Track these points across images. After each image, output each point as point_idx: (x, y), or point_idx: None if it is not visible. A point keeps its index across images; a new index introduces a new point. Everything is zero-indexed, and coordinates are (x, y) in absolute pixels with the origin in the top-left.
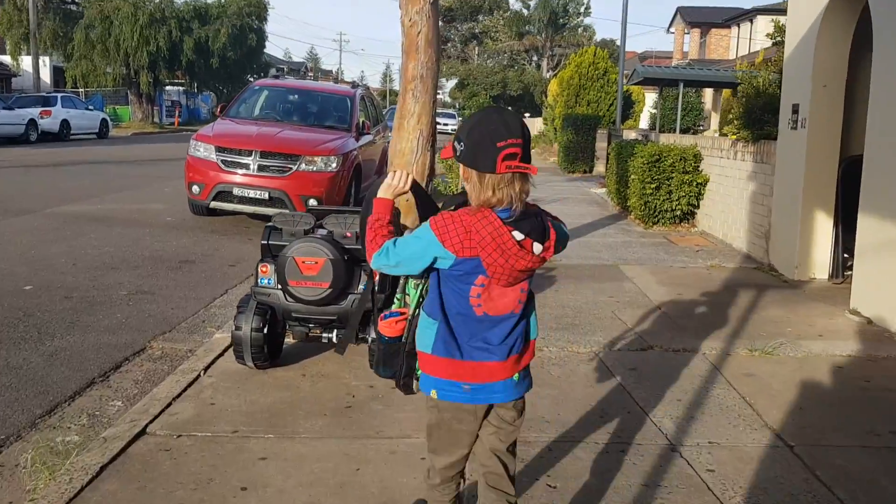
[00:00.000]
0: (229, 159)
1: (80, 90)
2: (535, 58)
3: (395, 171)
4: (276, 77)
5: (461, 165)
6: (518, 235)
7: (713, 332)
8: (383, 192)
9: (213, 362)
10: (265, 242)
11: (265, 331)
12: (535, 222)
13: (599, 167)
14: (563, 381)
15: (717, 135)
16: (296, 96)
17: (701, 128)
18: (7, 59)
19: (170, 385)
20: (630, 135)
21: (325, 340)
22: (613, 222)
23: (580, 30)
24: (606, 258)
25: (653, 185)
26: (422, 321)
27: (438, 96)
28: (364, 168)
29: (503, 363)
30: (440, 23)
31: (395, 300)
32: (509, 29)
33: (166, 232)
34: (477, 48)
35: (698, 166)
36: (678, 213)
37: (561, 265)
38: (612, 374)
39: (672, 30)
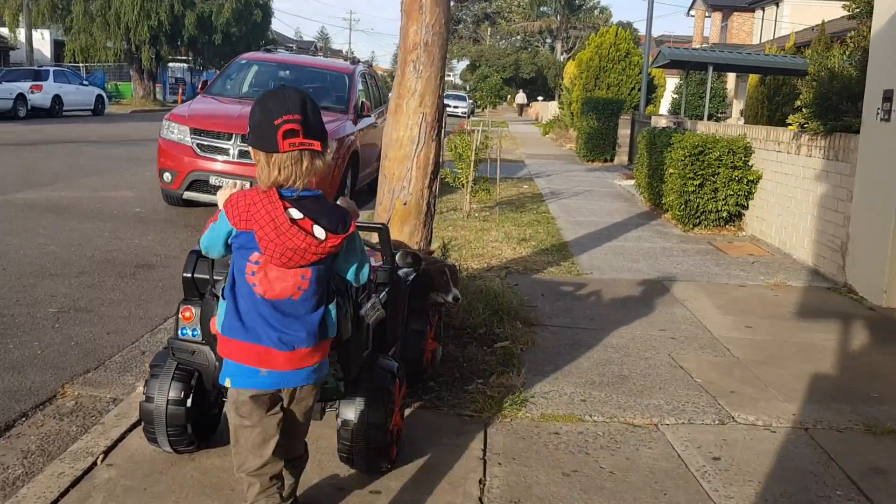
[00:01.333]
0: (206, 143)
1: (80, 65)
2: (549, 40)
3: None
4: (268, 51)
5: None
6: (295, 213)
7: (808, 392)
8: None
9: (122, 437)
10: (189, 276)
11: (188, 403)
12: (330, 209)
13: (622, 156)
14: (620, 481)
15: (740, 122)
16: (287, 72)
17: (724, 115)
18: (5, 31)
19: (46, 483)
20: (659, 122)
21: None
22: (646, 222)
23: (596, 12)
24: (647, 271)
25: (696, 182)
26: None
27: (448, 78)
28: (363, 155)
29: (287, 353)
30: None
31: None
32: (530, 9)
33: (130, 227)
34: (489, 29)
35: (748, 161)
36: (724, 214)
37: (594, 280)
38: (687, 466)
39: (692, 13)
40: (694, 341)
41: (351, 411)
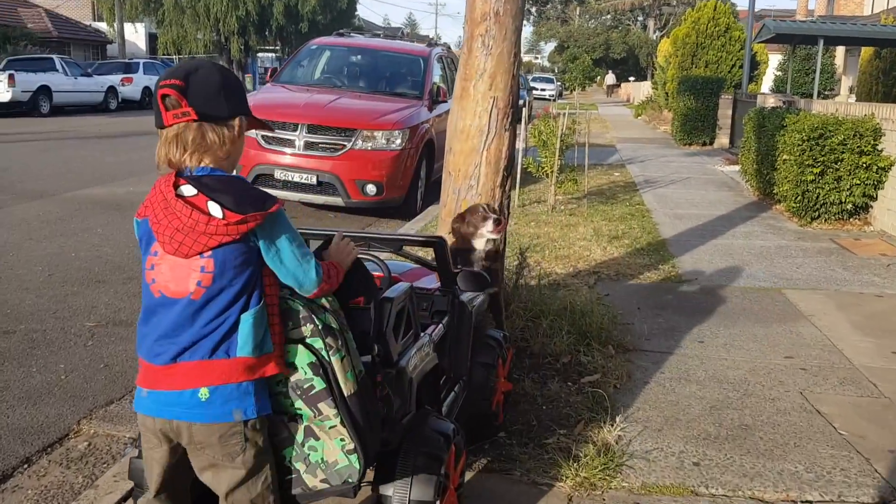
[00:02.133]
0: (270, 135)
1: (174, 57)
2: (640, 17)
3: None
4: (340, 35)
5: None
6: (188, 190)
7: None
8: None
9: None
10: None
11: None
12: (241, 188)
13: (722, 139)
14: None
15: (851, 99)
16: (359, 57)
17: (832, 92)
18: (103, 25)
19: None
20: (766, 101)
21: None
22: (755, 215)
23: None
24: (761, 276)
25: (815, 170)
26: None
27: (535, 60)
28: (438, 143)
29: (169, 367)
30: None
31: None
32: None
33: None
34: (578, 9)
35: (877, 145)
36: (848, 206)
37: (699, 288)
38: None
39: None
40: (830, 373)
41: (390, 487)
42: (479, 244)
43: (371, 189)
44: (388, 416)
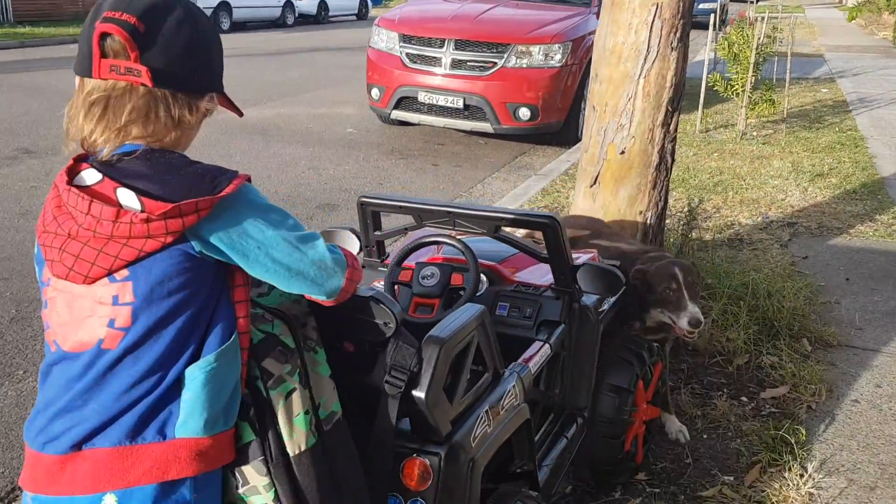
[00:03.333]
0: (415, 52)
1: None
2: None
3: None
4: None
5: None
6: (90, 177)
7: None
8: None
9: None
10: None
11: None
12: (169, 163)
13: None
14: None
15: None
16: None
17: None
18: None
19: None
20: None
21: None
22: None
23: None
24: None
25: None
26: None
27: None
28: None
29: (66, 459)
30: None
31: None
32: None
33: (332, 152)
34: None
35: None
36: None
37: None
38: None
39: None
40: None
41: None
42: (659, 317)
43: (524, 113)
44: None
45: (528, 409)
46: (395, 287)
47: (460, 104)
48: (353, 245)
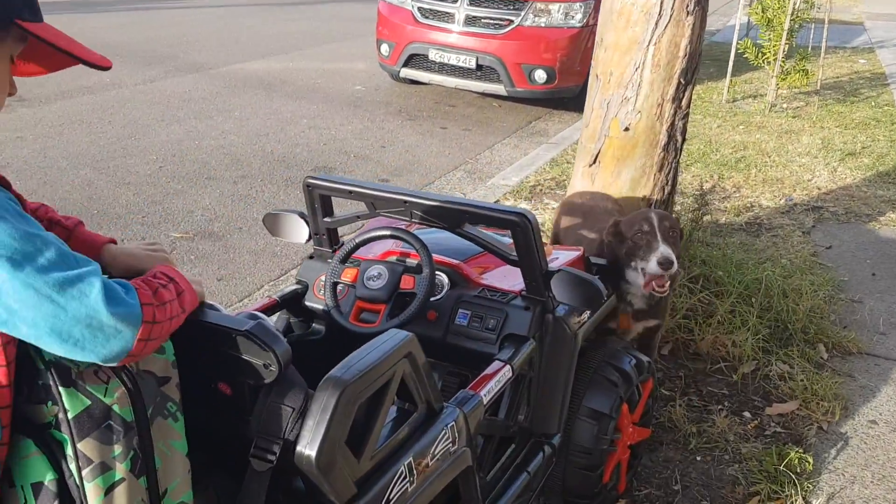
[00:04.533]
0: (427, 7)
1: None
2: None
3: None
4: None
5: None
6: None
7: None
8: None
9: None
10: None
11: None
12: None
13: None
14: None
15: None
16: None
17: None
18: None
19: None
20: None
21: None
22: None
23: None
24: None
25: None
26: None
27: None
28: None
29: None
30: None
31: None
32: None
33: (336, 111)
34: None
35: None
36: None
37: None
38: None
39: None
40: None
41: None
42: (635, 279)
43: (540, 76)
44: None
45: (472, 452)
46: (338, 288)
47: (473, 64)
48: (301, 231)
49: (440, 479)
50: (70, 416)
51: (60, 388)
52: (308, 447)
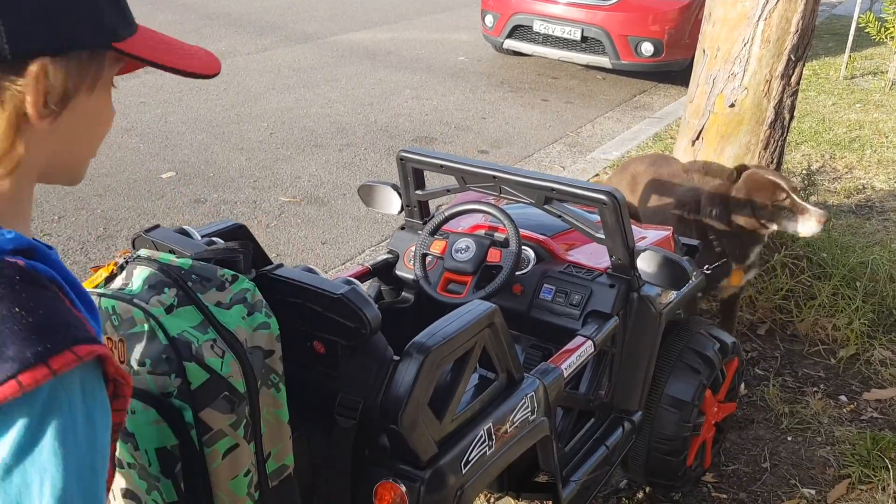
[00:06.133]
0: None
1: None
2: None
3: None
4: None
5: None
6: None
7: None
8: None
9: None
10: None
11: None
12: None
13: None
14: None
15: None
16: None
17: None
18: None
19: None
20: None
21: None
22: None
23: None
24: None
25: None
26: None
27: None
28: None
29: None
30: None
31: None
32: None
33: (439, 81)
34: None
35: None
36: None
37: None
38: None
39: None
40: None
41: None
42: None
43: (647, 48)
44: None
45: (551, 423)
46: (427, 259)
47: (578, 36)
48: (393, 203)
49: (518, 446)
50: (192, 387)
51: (183, 362)
52: (394, 406)
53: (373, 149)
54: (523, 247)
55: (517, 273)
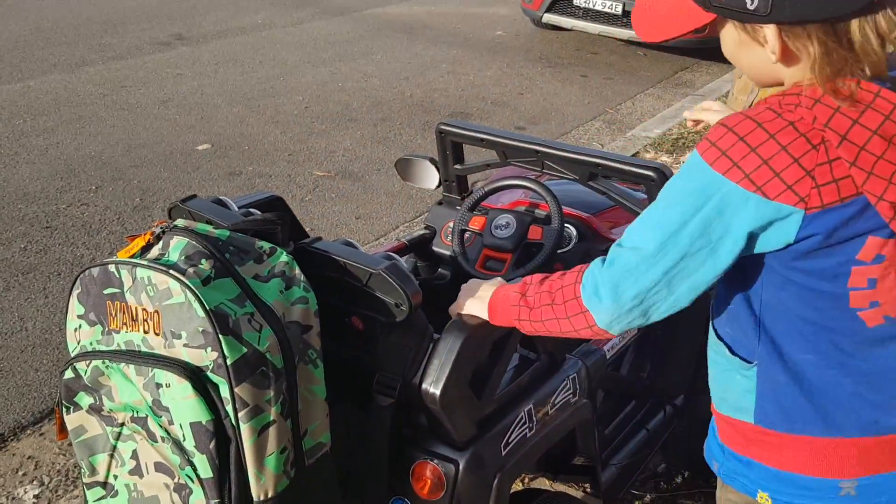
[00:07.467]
0: None
1: None
2: None
3: None
4: None
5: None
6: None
7: None
8: None
9: None
10: None
11: None
12: None
13: None
14: None
15: None
16: None
17: None
18: None
19: None
20: None
21: None
22: None
23: None
24: None
25: None
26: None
27: None
28: None
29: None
30: None
31: None
32: None
33: (475, 56)
34: None
35: None
36: None
37: None
38: None
39: None
40: None
41: None
42: None
43: None
44: None
45: (593, 405)
46: (465, 235)
47: (619, 10)
48: (431, 177)
49: (559, 428)
50: (229, 361)
51: (220, 336)
52: (433, 385)
53: (408, 124)
54: (566, 224)
55: (559, 251)
